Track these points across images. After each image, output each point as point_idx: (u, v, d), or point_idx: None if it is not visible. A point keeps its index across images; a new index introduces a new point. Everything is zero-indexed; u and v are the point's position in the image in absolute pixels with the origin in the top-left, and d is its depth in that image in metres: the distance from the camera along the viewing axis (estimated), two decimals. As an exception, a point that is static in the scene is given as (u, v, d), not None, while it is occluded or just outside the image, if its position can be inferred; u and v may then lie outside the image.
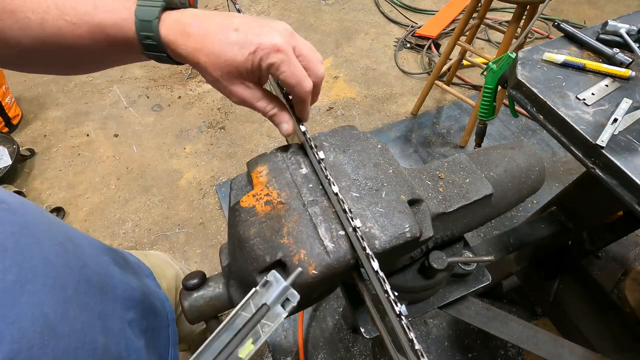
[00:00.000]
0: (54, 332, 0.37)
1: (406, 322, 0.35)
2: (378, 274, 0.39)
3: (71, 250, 0.46)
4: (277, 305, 0.31)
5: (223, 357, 0.31)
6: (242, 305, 0.31)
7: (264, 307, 0.31)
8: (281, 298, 0.31)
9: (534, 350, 0.90)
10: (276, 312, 0.30)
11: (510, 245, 1.11)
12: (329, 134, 0.60)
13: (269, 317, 0.31)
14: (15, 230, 0.39)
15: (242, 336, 0.30)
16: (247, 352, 0.30)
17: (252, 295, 0.31)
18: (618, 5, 3.15)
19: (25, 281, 0.36)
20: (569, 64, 0.83)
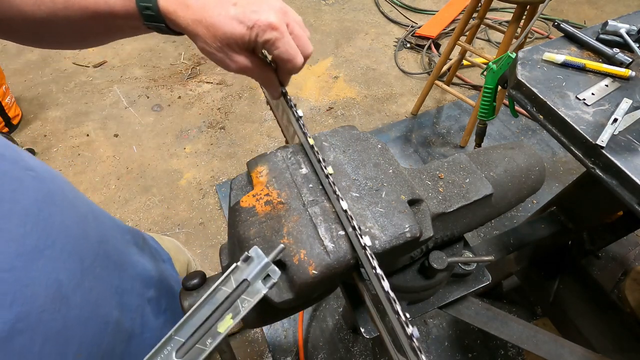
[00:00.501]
0: (67, 300, 0.38)
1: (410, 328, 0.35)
2: (380, 278, 0.39)
3: (92, 224, 0.48)
4: (258, 281, 0.31)
5: (202, 331, 0.31)
6: (222, 280, 0.31)
7: (244, 283, 0.31)
8: (262, 274, 0.31)
9: (534, 350, 0.90)
10: (256, 288, 0.31)
11: (510, 245, 1.11)
12: (329, 134, 0.60)
13: (249, 293, 0.31)
14: (40, 198, 0.40)
15: (222, 311, 0.31)
16: (225, 327, 0.31)
17: (232, 270, 0.31)
18: (618, 5, 3.15)
19: (44, 247, 0.37)
20: (569, 64, 0.83)
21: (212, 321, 0.31)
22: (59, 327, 0.37)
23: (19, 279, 0.34)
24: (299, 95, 2.46)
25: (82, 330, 0.40)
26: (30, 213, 0.38)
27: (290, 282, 0.47)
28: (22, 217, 0.37)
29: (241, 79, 2.57)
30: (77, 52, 2.79)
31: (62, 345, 0.38)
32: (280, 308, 0.50)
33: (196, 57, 2.73)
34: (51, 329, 0.36)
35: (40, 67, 2.67)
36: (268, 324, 0.64)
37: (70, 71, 2.64)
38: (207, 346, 0.31)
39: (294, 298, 0.48)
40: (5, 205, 0.35)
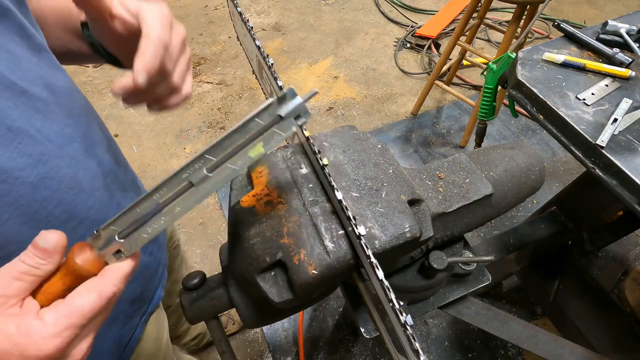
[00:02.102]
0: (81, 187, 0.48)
1: (411, 332, 0.35)
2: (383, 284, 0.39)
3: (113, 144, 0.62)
4: (290, 119, 0.32)
5: (234, 152, 0.33)
6: (258, 113, 0.33)
7: (277, 118, 0.32)
8: (294, 112, 0.33)
9: (534, 350, 0.90)
10: (289, 123, 0.32)
11: (510, 245, 1.11)
12: (329, 134, 0.60)
13: (281, 127, 0.32)
14: (84, 104, 0.55)
15: (254, 137, 0.32)
16: (256, 152, 0.33)
17: (268, 106, 0.33)
18: (618, 5, 3.15)
19: (74, 139, 0.48)
20: (569, 64, 0.83)
21: (245, 144, 0.33)
22: (69, 201, 0.46)
23: (53, 151, 0.43)
24: (299, 95, 2.46)
25: (86, 214, 0.48)
26: (74, 113, 0.49)
27: (291, 282, 0.47)
28: (69, 111, 0.48)
29: (241, 79, 2.57)
30: (77, 52, 2.79)
31: (69, 216, 0.46)
32: (280, 308, 0.50)
33: (196, 57, 2.73)
34: (64, 199, 0.45)
35: (40, 67, 2.67)
36: (268, 324, 0.64)
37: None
38: (238, 167, 0.33)
39: (294, 298, 0.48)
40: (64, 94, 0.47)
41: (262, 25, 3.01)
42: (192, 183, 0.35)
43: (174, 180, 0.35)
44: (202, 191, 0.35)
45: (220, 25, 3.02)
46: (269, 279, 0.49)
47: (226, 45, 2.84)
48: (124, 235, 0.36)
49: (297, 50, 2.78)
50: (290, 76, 2.59)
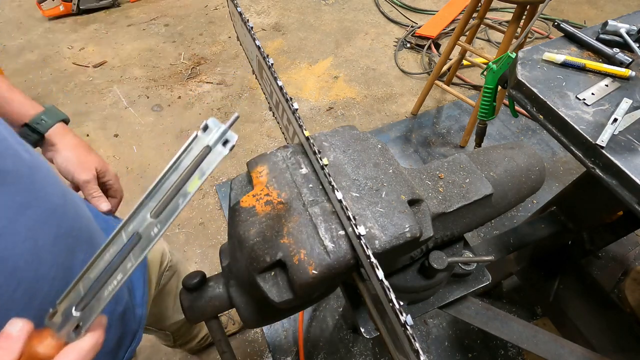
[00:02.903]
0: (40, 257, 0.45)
1: (411, 332, 0.35)
2: (383, 284, 0.39)
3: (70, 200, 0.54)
4: (218, 145, 0.34)
5: (173, 193, 0.34)
6: (185, 149, 0.35)
7: (205, 149, 0.34)
8: (221, 139, 0.34)
9: (534, 350, 0.90)
10: (217, 151, 0.34)
11: (510, 245, 1.11)
12: (329, 134, 0.60)
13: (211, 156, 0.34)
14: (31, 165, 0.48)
15: (190, 174, 0.34)
16: (194, 187, 0.34)
17: (193, 139, 0.34)
18: (618, 5, 3.15)
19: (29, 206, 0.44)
20: (569, 63, 0.83)
21: (181, 184, 0.34)
22: (30, 278, 0.43)
23: (5, 227, 0.40)
24: (299, 96, 2.46)
25: (48, 288, 0.45)
26: (23, 175, 0.45)
27: (290, 282, 0.47)
28: (17, 177, 0.44)
29: (241, 79, 2.57)
30: (77, 52, 2.79)
31: (30, 296, 0.43)
32: (280, 308, 0.50)
33: (196, 57, 2.73)
34: (23, 279, 0.42)
35: (40, 67, 2.67)
36: (268, 323, 0.64)
37: (70, 71, 2.64)
38: (180, 204, 0.35)
39: (294, 298, 0.48)
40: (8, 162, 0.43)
41: (262, 25, 3.01)
42: (140, 234, 0.35)
43: (120, 235, 0.36)
44: (151, 238, 0.35)
45: (220, 25, 3.02)
46: (269, 279, 0.49)
47: (226, 45, 2.83)
48: (82, 307, 0.36)
49: (297, 50, 2.78)
50: (290, 76, 2.59)
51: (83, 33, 2.97)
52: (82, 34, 2.96)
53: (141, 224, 0.35)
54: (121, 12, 3.18)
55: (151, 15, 3.14)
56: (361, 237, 0.43)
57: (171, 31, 2.97)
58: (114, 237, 0.36)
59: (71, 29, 3.02)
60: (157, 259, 0.86)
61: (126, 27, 3.03)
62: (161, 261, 0.87)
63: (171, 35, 2.93)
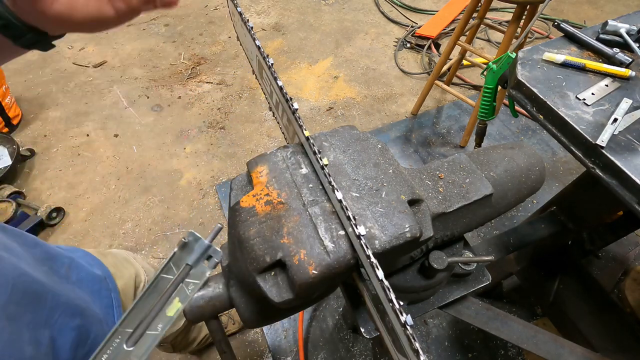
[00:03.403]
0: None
1: (411, 332, 0.35)
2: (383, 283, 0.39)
3: (7, 258, 0.48)
4: (200, 263, 0.31)
5: (151, 318, 0.31)
6: (163, 268, 0.32)
7: (186, 267, 0.31)
8: (203, 256, 0.31)
9: (534, 350, 0.90)
10: (200, 270, 0.31)
11: (510, 245, 1.11)
12: (329, 134, 0.60)
13: (193, 276, 0.31)
14: None
15: (168, 296, 0.31)
16: (174, 310, 0.31)
17: (171, 257, 0.31)
18: (618, 5, 3.15)
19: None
20: (569, 63, 0.83)
21: (160, 307, 0.31)
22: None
23: None
24: (299, 96, 2.46)
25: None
26: None
27: (291, 282, 0.47)
28: None
29: (241, 79, 2.57)
30: (77, 52, 2.79)
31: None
32: (280, 308, 0.50)
33: (196, 57, 2.73)
34: None
35: (40, 67, 2.67)
36: (268, 323, 0.64)
37: (70, 71, 2.64)
38: (159, 330, 0.31)
39: (294, 298, 0.48)
40: None
41: (262, 25, 3.01)
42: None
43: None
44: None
45: (220, 25, 3.02)
46: (269, 279, 0.49)
47: (226, 45, 2.84)
48: None
49: (297, 50, 2.78)
50: (290, 76, 2.59)
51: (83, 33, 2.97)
52: (82, 34, 2.96)
53: (116, 354, 0.31)
54: (121, 12, 3.18)
55: (151, 15, 3.14)
56: (361, 237, 0.43)
57: (171, 31, 2.97)
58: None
59: (71, 29, 3.02)
60: (130, 285, 0.82)
61: (126, 27, 3.02)
62: (135, 285, 0.84)
63: (171, 35, 2.94)
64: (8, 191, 1.83)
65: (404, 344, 0.38)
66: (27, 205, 1.85)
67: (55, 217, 1.84)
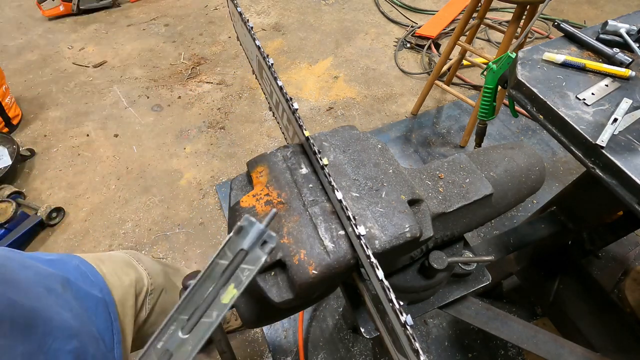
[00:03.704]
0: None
1: (411, 332, 0.35)
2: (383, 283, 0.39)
3: None
4: (255, 249, 0.30)
5: (206, 306, 0.31)
6: (218, 254, 0.31)
7: (241, 253, 0.30)
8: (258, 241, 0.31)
9: (534, 350, 0.90)
10: (255, 255, 0.30)
11: (510, 245, 1.11)
12: (329, 134, 0.60)
13: (248, 261, 0.31)
14: None
15: (223, 283, 0.31)
16: (229, 297, 0.31)
17: (227, 242, 0.31)
18: (618, 5, 3.15)
19: None
20: (569, 63, 0.83)
21: (214, 294, 0.31)
22: None
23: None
24: (299, 96, 2.46)
25: None
26: None
27: (291, 282, 0.47)
28: None
29: (241, 79, 2.57)
30: (77, 52, 2.79)
31: None
32: (280, 308, 0.50)
33: (196, 57, 2.73)
34: None
35: (40, 67, 2.67)
36: (268, 323, 0.64)
37: (70, 71, 2.64)
38: (214, 318, 0.31)
39: (294, 298, 0.48)
40: None
41: (262, 25, 3.01)
42: (170, 352, 0.32)
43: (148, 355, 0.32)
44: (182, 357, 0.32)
45: (220, 25, 3.02)
46: (269, 279, 0.49)
47: (226, 45, 2.84)
48: None
49: (297, 50, 2.78)
50: (290, 76, 2.59)
51: (83, 33, 2.97)
52: (82, 34, 2.97)
53: (172, 342, 0.31)
54: (121, 12, 3.18)
55: (151, 15, 3.14)
56: (361, 237, 0.43)
57: (171, 31, 2.97)
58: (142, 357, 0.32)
59: (71, 29, 3.02)
60: (130, 293, 0.80)
61: (126, 27, 3.03)
62: (136, 292, 0.82)
63: (171, 35, 2.94)
64: (8, 191, 1.83)
65: (404, 344, 0.38)
66: (27, 205, 1.85)
67: (55, 217, 1.84)
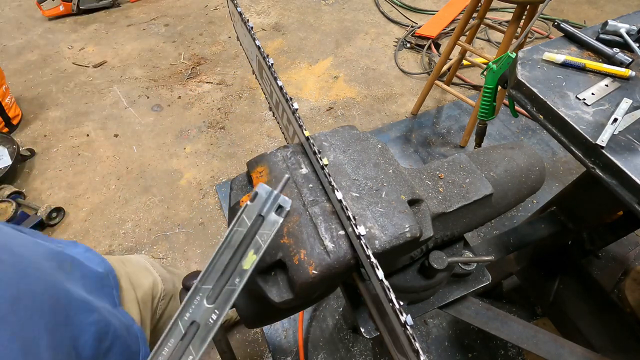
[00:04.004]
0: None
1: (411, 332, 0.35)
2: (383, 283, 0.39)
3: (8, 261, 0.47)
4: (271, 213, 0.31)
5: (228, 274, 0.32)
6: (236, 221, 0.32)
7: (258, 218, 0.31)
8: (274, 206, 0.31)
9: (534, 350, 0.90)
10: (272, 219, 0.31)
11: (510, 245, 1.11)
12: (329, 134, 0.60)
13: (265, 226, 0.32)
14: None
15: (243, 249, 0.32)
16: (250, 263, 0.32)
17: (243, 210, 0.31)
18: (618, 5, 3.15)
19: None
20: (569, 63, 0.83)
21: (236, 261, 0.32)
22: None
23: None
24: (299, 96, 2.46)
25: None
26: None
27: (291, 282, 0.47)
28: None
29: (241, 79, 2.57)
30: (77, 52, 2.79)
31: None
32: (280, 308, 0.50)
33: (196, 57, 2.73)
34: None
35: (40, 67, 2.67)
36: (268, 323, 0.64)
37: (70, 71, 2.64)
38: (237, 285, 0.32)
39: (294, 298, 0.48)
40: None
41: (262, 25, 3.01)
42: (198, 323, 0.33)
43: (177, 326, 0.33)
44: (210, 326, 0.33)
45: (220, 25, 3.02)
46: (269, 279, 0.48)
47: (226, 45, 2.84)
48: None
49: (297, 50, 2.78)
50: (290, 76, 2.59)
51: (83, 33, 2.97)
52: (82, 34, 2.97)
53: (198, 312, 0.32)
54: (121, 12, 3.18)
55: (151, 15, 3.14)
56: (361, 237, 0.43)
57: (171, 31, 2.97)
58: (171, 328, 0.33)
59: (71, 29, 3.02)
60: (149, 295, 0.81)
61: (126, 27, 3.03)
62: (152, 295, 0.83)
63: (171, 35, 2.94)
64: (8, 191, 1.83)
65: (404, 344, 0.38)
66: (27, 205, 1.85)
67: (55, 217, 1.84)
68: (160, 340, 0.33)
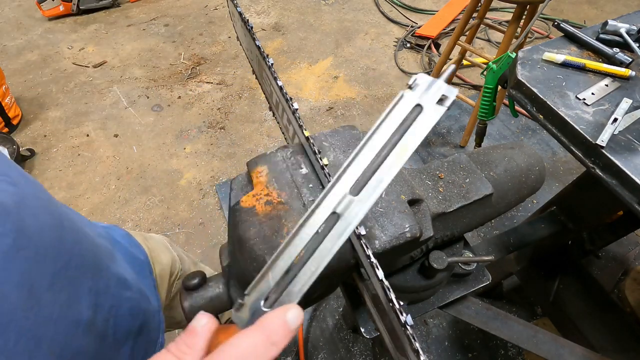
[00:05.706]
0: (38, 300, 0.40)
1: (411, 332, 0.35)
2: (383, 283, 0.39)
3: (67, 226, 0.49)
4: (431, 105, 0.27)
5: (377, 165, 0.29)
6: (389, 111, 0.28)
7: (417, 108, 0.27)
8: (436, 97, 0.27)
9: (534, 350, 0.90)
10: (431, 110, 0.26)
11: (510, 245, 1.11)
12: (329, 134, 0.60)
13: (424, 118, 0.27)
14: (17, 200, 0.41)
15: (397, 140, 0.28)
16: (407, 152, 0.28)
17: (400, 99, 0.28)
18: (618, 5, 3.15)
19: (20, 247, 0.39)
20: (569, 63, 0.83)
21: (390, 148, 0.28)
22: (30, 325, 0.39)
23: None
24: (299, 95, 2.46)
25: (54, 330, 0.41)
26: (10, 212, 0.39)
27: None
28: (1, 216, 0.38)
29: (241, 79, 2.57)
30: (77, 52, 2.79)
31: (34, 343, 0.39)
32: (280, 308, 0.49)
33: (196, 57, 2.73)
34: (23, 327, 0.38)
35: (40, 67, 2.67)
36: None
37: (70, 71, 2.64)
38: (384, 179, 0.29)
39: (294, 298, 0.48)
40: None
41: (262, 25, 3.01)
42: (338, 214, 0.30)
43: (314, 215, 0.29)
44: (350, 219, 0.29)
45: (220, 25, 3.02)
46: (269, 279, 0.48)
47: (226, 45, 2.84)
48: (270, 303, 0.32)
49: (297, 50, 2.78)
50: (290, 76, 2.59)
51: (83, 33, 2.97)
52: (82, 34, 2.97)
53: (338, 202, 0.29)
54: (121, 12, 3.18)
55: (151, 15, 3.14)
56: (361, 237, 0.43)
57: (171, 31, 2.97)
58: (308, 217, 0.30)
59: (71, 29, 3.02)
60: (167, 272, 0.82)
61: (126, 27, 3.03)
62: (171, 272, 0.84)
63: (171, 35, 2.94)
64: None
65: (404, 344, 0.38)
66: (27, 205, 1.85)
67: (55, 217, 1.84)
68: (294, 229, 0.30)
